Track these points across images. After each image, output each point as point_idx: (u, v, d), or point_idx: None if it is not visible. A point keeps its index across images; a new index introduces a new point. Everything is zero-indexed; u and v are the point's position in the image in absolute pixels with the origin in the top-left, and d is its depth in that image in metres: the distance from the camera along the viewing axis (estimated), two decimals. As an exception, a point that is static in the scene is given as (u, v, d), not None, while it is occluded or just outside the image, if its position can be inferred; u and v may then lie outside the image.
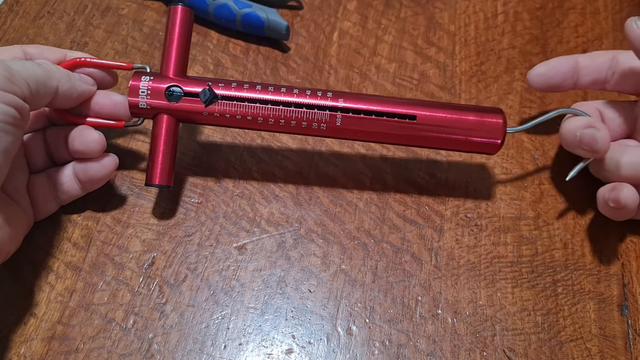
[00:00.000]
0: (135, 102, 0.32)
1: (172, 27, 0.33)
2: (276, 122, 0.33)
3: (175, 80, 0.33)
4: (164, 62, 0.33)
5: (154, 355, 0.31)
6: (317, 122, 0.32)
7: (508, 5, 0.46)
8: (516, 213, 0.37)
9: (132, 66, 0.34)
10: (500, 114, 0.33)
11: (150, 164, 0.33)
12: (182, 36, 0.33)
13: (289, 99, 0.32)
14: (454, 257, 0.35)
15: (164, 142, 0.33)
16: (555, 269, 0.35)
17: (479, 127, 0.33)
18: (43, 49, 0.33)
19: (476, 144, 0.33)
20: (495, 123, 0.33)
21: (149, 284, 0.33)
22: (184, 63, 0.34)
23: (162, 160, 0.33)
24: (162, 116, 0.33)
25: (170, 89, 0.32)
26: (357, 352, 0.32)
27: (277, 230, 0.35)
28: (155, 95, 0.32)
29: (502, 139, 0.33)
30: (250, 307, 0.33)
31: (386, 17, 0.45)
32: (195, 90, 0.32)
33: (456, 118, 0.33)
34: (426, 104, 0.33)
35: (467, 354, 0.32)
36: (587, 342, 0.32)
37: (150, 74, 0.33)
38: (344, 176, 0.38)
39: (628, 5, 0.46)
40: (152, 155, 0.33)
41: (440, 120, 0.33)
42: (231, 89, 0.32)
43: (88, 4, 0.44)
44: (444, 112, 0.33)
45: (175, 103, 0.32)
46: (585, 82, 0.36)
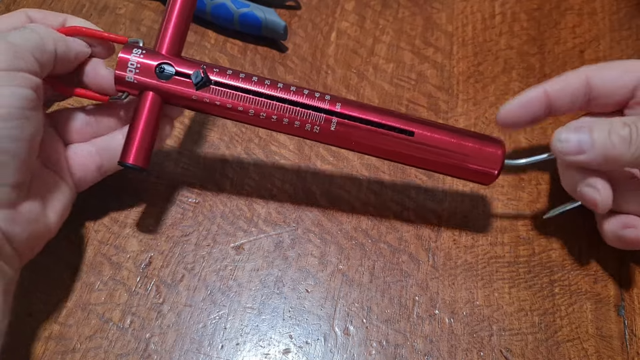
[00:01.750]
0: (122, 76, 0.31)
1: (173, 5, 0.31)
2: (268, 117, 0.31)
3: (168, 58, 0.31)
4: (159, 38, 0.31)
5: (151, 355, 0.31)
6: (311, 123, 0.31)
7: (506, 6, 0.46)
8: (513, 213, 0.37)
9: (127, 40, 0.32)
10: (500, 145, 0.32)
11: (127, 141, 0.31)
12: (181, 15, 0.31)
13: (284, 96, 0.31)
14: (451, 257, 0.35)
15: (145, 121, 0.31)
16: (552, 269, 0.35)
17: (477, 155, 0.32)
18: (46, 14, 0.31)
19: (472, 172, 0.32)
20: (493, 153, 0.32)
21: (146, 284, 0.33)
22: (180, 43, 0.32)
23: (141, 139, 0.31)
24: (147, 93, 0.31)
25: (162, 66, 0.31)
26: (355, 352, 0.32)
27: (274, 230, 0.35)
28: (145, 71, 0.31)
29: (499, 169, 0.32)
30: (247, 307, 0.33)
31: (384, 18, 0.45)
32: (187, 71, 0.31)
33: (455, 142, 0.32)
34: (426, 123, 0.32)
35: (464, 354, 0.32)
36: (583, 342, 0.32)
37: (143, 48, 0.31)
38: (341, 176, 0.38)
39: (625, 5, 0.46)
40: (130, 133, 0.31)
41: (438, 142, 0.32)
42: (226, 76, 0.31)
43: (85, 3, 0.44)
44: (444, 133, 0.32)
45: (165, 82, 0.31)
46: (561, 112, 0.34)
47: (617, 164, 0.30)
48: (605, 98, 0.32)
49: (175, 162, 0.37)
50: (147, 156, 0.31)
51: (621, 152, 0.29)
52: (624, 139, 0.29)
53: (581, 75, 0.33)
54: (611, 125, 0.29)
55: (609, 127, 0.29)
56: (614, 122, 0.30)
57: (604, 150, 0.29)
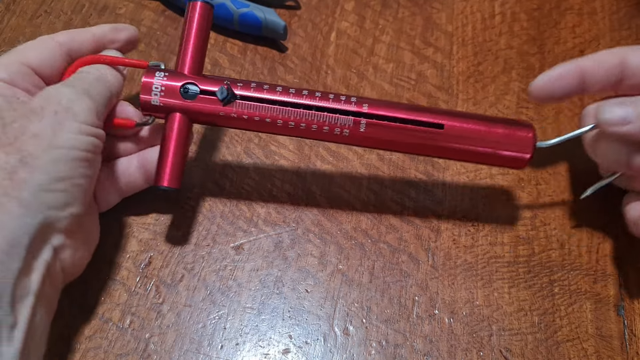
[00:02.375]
0: (148, 100, 0.31)
1: (190, 24, 0.32)
2: (296, 125, 0.31)
3: (191, 77, 0.31)
4: (179, 59, 0.32)
5: (150, 355, 0.31)
6: (340, 127, 0.31)
7: (505, 6, 0.46)
8: (513, 213, 0.37)
9: (147, 64, 0.32)
10: (530, 127, 0.32)
11: (160, 164, 0.31)
12: (200, 33, 0.32)
13: (311, 103, 0.31)
14: (450, 257, 0.35)
15: (175, 143, 0.31)
16: (552, 269, 0.35)
17: (508, 141, 0.32)
18: (73, 34, 0.32)
19: (504, 158, 0.32)
20: (525, 137, 0.32)
21: (146, 284, 0.33)
22: (200, 61, 0.32)
23: (173, 161, 0.31)
24: (174, 115, 0.31)
25: (186, 86, 0.31)
26: (354, 352, 0.32)
27: (274, 230, 0.35)
28: (170, 92, 0.31)
29: (531, 153, 0.32)
30: (247, 307, 0.33)
31: (384, 18, 0.45)
32: (212, 88, 0.31)
33: (485, 130, 0.32)
34: (453, 114, 0.32)
35: (464, 354, 0.32)
36: (583, 342, 0.32)
37: (165, 71, 0.31)
38: (341, 176, 0.38)
39: (625, 5, 0.46)
40: (162, 156, 0.31)
41: (468, 131, 0.31)
42: (250, 89, 0.31)
43: (85, 3, 0.44)
44: (473, 122, 0.32)
45: (191, 101, 0.31)
46: (593, 90, 0.33)
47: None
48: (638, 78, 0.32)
49: (175, 162, 0.37)
50: (179, 177, 0.32)
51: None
52: None
53: (617, 54, 0.32)
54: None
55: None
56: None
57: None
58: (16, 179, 0.25)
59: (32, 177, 0.25)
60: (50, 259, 0.27)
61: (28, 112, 0.27)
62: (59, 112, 0.27)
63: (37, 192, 0.26)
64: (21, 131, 0.26)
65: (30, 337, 0.25)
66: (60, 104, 0.28)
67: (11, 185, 0.25)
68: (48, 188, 0.26)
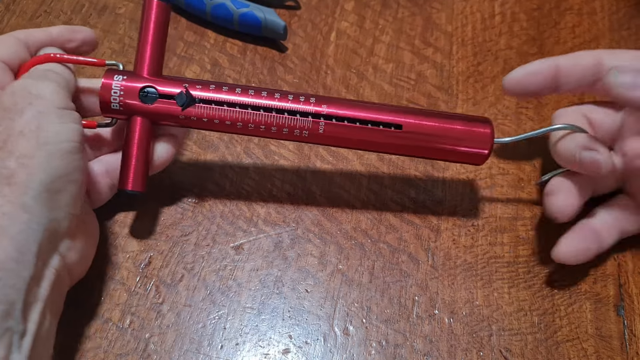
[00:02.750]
0: (107, 104, 0.31)
1: (147, 23, 0.31)
2: (256, 127, 0.31)
3: (149, 80, 0.31)
4: (137, 60, 0.31)
5: (150, 355, 0.31)
6: (299, 128, 0.31)
7: (505, 6, 0.46)
8: (513, 213, 0.37)
9: (104, 62, 0.32)
10: (488, 123, 0.32)
11: (123, 168, 0.31)
12: (157, 33, 0.32)
13: (270, 103, 0.31)
14: (450, 257, 0.35)
15: (137, 146, 0.31)
16: (551, 269, 0.35)
17: (466, 137, 0.32)
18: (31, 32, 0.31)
19: (463, 154, 0.32)
20: (483, 133, 0.32)
21: (146, 284, 0.33)
22: (159, 61, 0.32)
23: (135, 164, 0.31)
24: (135, 118, 0.31)
25: (145, 90, 0.31)
26: (354, 352, 0.32)
27: (274, 230, 0.35)
28: (129, 95, 0.31)
29: (489, 149, 0.32)
30: (247, 307, 0.33)
31: (383, 18, 0.45)
32: (171, 91, 0.31)
33: (443, 127, 0.32)
34: (412, 112, 0.32)
35: (464, 354, 0.32)
36: (583, 342, 0.32)
37: (123, 73, 0.31)
38: (340, 176, 0.38)
39: (625, 5, 0.46)
40: (125, 159, 0.31)
41: (427, 130, 0.32)
42: (209, 90, 0.31)
43: (85, 3, 0.44)
44: (431, 121, 0.32)
45: (150, 105, 0.31)
46: (566, 89, 0.34)
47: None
48: None
49: (175, 161, 0.37)
50: (143, 180, 0.32)
51: None
52: None
53: (594, 55, 0.33)
54: None
55: None
56: None
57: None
58: (15, 183, 0.25)
59: (32, 178, 0.25)
60: (59, 264, 0.26)
61: (3, 111, 0.27)
62: (33, 102, 0.27)
63: (38, 194, 0.25)
64: (7, 132, 0.26)
65: (38, 343, 0.25)
66: (31, 94, 0.27)
67: (11, 190, 0.24)
68: (48, 188, 0.25)
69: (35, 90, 0.27)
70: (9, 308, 0.23)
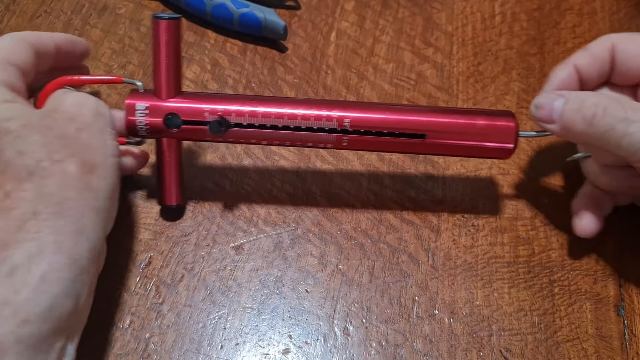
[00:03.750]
0: (134, 127, 0.31)
1: (158, 43, 0.31)
2: (281, 143, 0.32)
3: (171, 103, 0.31)
4: (156, 82, 0.31)
5: (150, 355, 0.31)
6: (324, 142, 0.32)
7: (505, 6, 0.46)
8: (513, 213, 0.37)
9: (122, 80, 0.32)
10: (511, 117, 0.32)
11: (161, 184, 0.33)
12: (170, 51, 0.31)
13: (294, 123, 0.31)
14: (450, 258, 0.35)
15: (168, 164, 0.33)
16: (551, 270, 0.35)
17: (490, 132, 0.32)
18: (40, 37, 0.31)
19: (488, 150, 0.32)
20: (507, 127, 0.32)
21: (146, 284, 0.33)
22: (177, 79, 0.32)
23: (170, 180, 0.33)
24: (162, 140, 0.32)
25: (168, 116, 0.31)
26: (354, 352, 0.32)
27: (274, 230, 0.35)
28: (153, 123, 0.31)
29: (514, 142, 0.32)
30: (247, 307, 0.33)
31: (384, 18, 0.45)
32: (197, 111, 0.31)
33: (466, 124, 0.32)
34: (435, 113, 0.32)
35: (464, 354, 0.32)
36: (583, 342, 0.32)
37: (145, 97, 0.31)
38: (340, 176, 0.38)
39: (625, 5, 0.46)
40: (160, 177, 0.33)
41: (451, 132, 0.32)
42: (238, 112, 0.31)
43: (85, 3, 0.44)
44: (454, 118, 0.32)
45: (175, 130, 0.31)
46: (590, 86, 0.34)
47: (577, 140, 0.31)
48: (623, 73, 0.33)
49: (175, 162, 0.37)
50: (180, 193, 0.34)
51: (580, 130, 0.30)
52: (586, 119, 0.29)
53: (606, 45, 0.33)
54: (583, 102, 0.30)
55: (581, 103, 0.30)
56: (589, 98, 0.30)
57: (566, 124, 0.30)
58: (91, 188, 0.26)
59: (101, 183, 0.26)
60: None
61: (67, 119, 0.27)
62: (97, 117, 0.28)
63: (105, 199, 0.27)
64: (77, 141, 0.27)
65: None
66: (92, 108, 0.28)
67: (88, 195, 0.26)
68: (111, 196, 0.27)
69: (97, 107, 0.29)
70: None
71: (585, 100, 0.29)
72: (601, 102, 0.29)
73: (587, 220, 0.33)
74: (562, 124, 0.30)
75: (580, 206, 0.34)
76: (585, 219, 0.33)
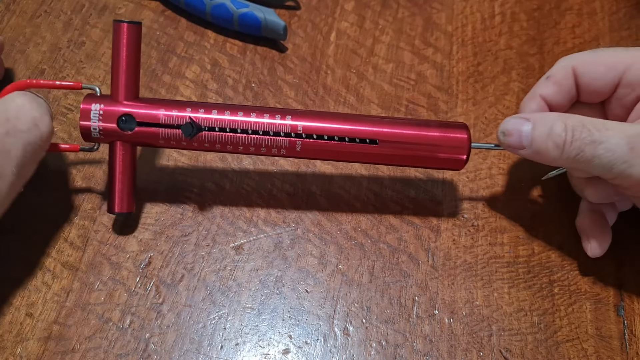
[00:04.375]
0: (88, 133, 0.32)
1: (119, 47, 0.31)
2: (234, 148, 0.32)
3: (127, 105, 0.32)
4: (113, 85, 0.32)
5: (150, 355, 0.31)
6: (277, 147, 0.32)
7: (505, 6, 0.46)
8: (512, 213, 0.37)
9: (81, 86, 0.32)
10: (464, 129, 0.33)
11: (110, 191, 0.33)
12: (130, 55, 0.32)
13: (248, 124, 0.31)
14: (450, 258, 0.35)
15: (120, 169, 0.32)
16: (551, 270, 0.35)
17: (443, 143, 0.32)
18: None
19: (441, 161, 0.33)
20: (459, 138, 0.32)
21: (146, 284, 0.33)
22: (135, 83, 0.32)
23: (120, 187, 0.33)
24: (116, 143, 0.32)
25: (123, 118, 0.31)
26: (354, 352, 0.32)
27: (274, 230, 0.35)
28: (108, 123, 0.31)
29: (467, 154, 0.33)
30: (247, 307, 0.33)
31: (383, 18, 0.45)
32: (151, 113, 0.31)
33: (419, 136, 0.32)
34: (389, 123, 0.32)
35: (464, 354, 0.32)
36: (583, 342, 0.32)
37: (101, 100, 0.32)
38: (340, 176, 0.38)
39: (625, 6, 0.46)
40: (110, 182, 0.33)
41: (403, 141, 0.32)
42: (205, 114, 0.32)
43: (85, 3, 0.44)
44: (407, 129, 0.32)
45: (130, 132, 0.32)
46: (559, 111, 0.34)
47: (550, 163, 0.31)
48: (589, 93, 0.33)
49: (175, 161, 0.37)
50: (130, 200, 0.33)
51: (553, 156, 0.30)
52: (557, 145, 0.30)
53: (568, 72, 0.33)
54: (552, 128, 0.30)
55: (550, 129, 0.30)
56: (556, 123, 0.30)
57: (538, 150, 0.30)
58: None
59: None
60: None
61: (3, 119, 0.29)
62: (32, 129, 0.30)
63: None
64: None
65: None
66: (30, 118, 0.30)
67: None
68: None
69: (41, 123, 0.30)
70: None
71: (553, 127, 0.30)
72: (568, 125, 0.29)
73: (596, 243, 0.33)
74: (533, 149, 0.31)
75: (586, 225, 0.34)
76: (593, 242, 0.34)
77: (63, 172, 0.36)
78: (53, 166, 0.36)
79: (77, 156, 0.37)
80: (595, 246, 0.33)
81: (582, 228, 0.35)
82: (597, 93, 0.33)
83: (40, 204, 0.35)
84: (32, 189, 0.35)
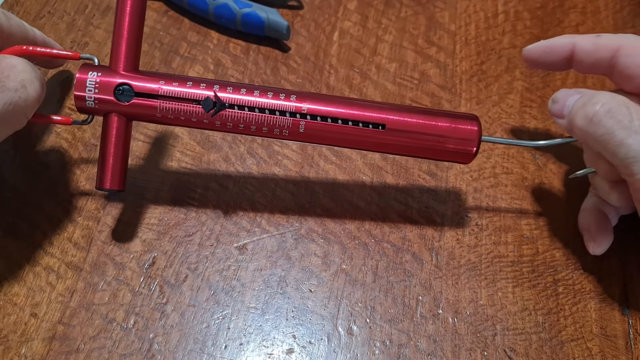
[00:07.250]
0: (82, 100, 0.30)
1: (122, 15, 0.30)
2: (235, 125, 0.31)
3: (125, 76, 0.30)
4: (112, 55, 0.31)
5: (154, 355, 0.31)
6: (279, 128, 0.31)
7: (509, 5, 0.46)
8: (517, 212, 0.37)
9: (79, 56, 0.31)
10: (475, 120, 0.32)
11: (101, 166, 0.31)
12: (132, 25, 0.31)
13: (251, 102, 0.30)
14: (454, 257, 0.35)
15: (114, 144, 0.31)
16: (556, 269, 0.35)
17: (452, 135, 0.31)
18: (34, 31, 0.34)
19: (449, 152, 0.32)
20: (469, 130, 0.31)
21: (150, 284, 0.33)
22: (135, 56, 0.31)
23: (113, 163, 0.31)
24: (111, 115, 0.31)
25: (120, 87, 0.30)
26: (358, 352, 0.32)
27: (277, 230, 0.35)
28: (104, 93, 0.30)
29: (476, 147, 0.31)
30: (251, 307, 0.33)
31: (386, 17, 0.45)
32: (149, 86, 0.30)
33: (428, 125, 0.31)
34: (397, 110, 0.31)
35: (468, 354, 0.32)
36: (588, 341, 0.32)
37: (99, 69, 0.30)
38: (344, 175, 0.38)
39: (629, 4, 0.46)
40: (102, 158, 0.31)
41: (411, 128, 0.31)
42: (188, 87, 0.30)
43: (88, 3, 0.44)
44: (416, 117, 0.31)
45: (126, 103, 0.30)
46: (580, 70, 0.34)
47: (579, 138, 0.30)
48: (625, 79, 0.32)
49: (178, 162, 0.37)
50: (122, 178, 0.32)
51: (580, 127, 0.29)
52: (587, 116, 0.29)
53: (613, 46, 0.32)
54: (591, 99, 0.29)
55: (588, 100, 0.29)
56: (598, 97, 0.29)
57: (571, 119, 0.30)
58: None
59: None
60: None
61: None
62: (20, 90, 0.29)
63: None
64: None
65: None
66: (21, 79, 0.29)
67: None
68: None
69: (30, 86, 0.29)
70: None
71: (593, 99, 0.29)
72: (609, 102, 0.28)
73: (598, 241, 0.34)
74: (568, 119, 0.30)
75: (588, 224, 0.34)
76: (595, 240, 0.34)
77: (67, 172, 0.36)
78: (57, 167, 0.36)
79: (80, 156, 0.37)
80: (597, 244, 0.33)
81: (584, 226, 0.35)
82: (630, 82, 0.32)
83: (44, 205, 0.35)
84: (36, 189, 0.35)
